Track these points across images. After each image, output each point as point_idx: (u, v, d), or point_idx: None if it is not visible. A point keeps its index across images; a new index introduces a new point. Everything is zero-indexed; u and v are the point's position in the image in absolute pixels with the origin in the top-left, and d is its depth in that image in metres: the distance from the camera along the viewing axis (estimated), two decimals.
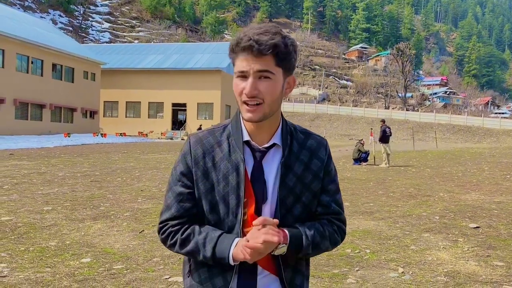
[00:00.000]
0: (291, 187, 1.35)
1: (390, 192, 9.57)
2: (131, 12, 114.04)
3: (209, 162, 1.34)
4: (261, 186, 1.32)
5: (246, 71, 1.24)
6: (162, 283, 3.90)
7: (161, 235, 1.39)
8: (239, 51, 1.25)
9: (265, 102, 1.26)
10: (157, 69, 43.86)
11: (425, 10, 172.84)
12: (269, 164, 1.34)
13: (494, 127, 53.24)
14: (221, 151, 1.34)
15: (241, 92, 1.26)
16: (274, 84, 1.26)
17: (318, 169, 1.39)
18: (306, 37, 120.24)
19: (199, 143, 1.37)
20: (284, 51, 1.25)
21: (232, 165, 1.32)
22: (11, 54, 30.46)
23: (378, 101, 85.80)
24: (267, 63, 1.23)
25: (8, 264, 4.25)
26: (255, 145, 1.34)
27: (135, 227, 5.83)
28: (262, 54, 1.22)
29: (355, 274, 4.23)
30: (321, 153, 1.40)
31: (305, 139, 1.40)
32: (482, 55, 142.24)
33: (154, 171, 12.46)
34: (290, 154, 1.36)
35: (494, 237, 5.73)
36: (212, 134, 1.38)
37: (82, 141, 27.79)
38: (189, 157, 1.36)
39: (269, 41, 1.22)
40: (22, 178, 10.10)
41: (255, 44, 1.21)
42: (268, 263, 1.35)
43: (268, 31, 1.24)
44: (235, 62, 1.27)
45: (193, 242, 1.32)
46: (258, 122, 1.29)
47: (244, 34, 1.24)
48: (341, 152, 24.58)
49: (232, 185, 1.32)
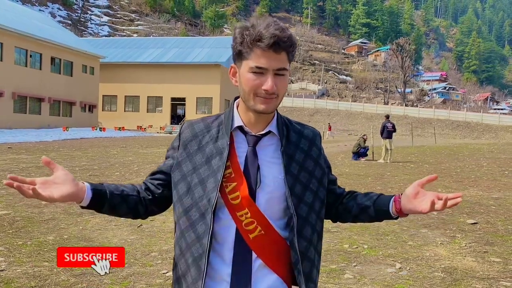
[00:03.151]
0: (296, 175, 1.37)
1: (389, 187, 9.58)
2: (130, 6, 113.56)
3: (195, 145, 1.39)
4: (254, 171, 1.34)
5: (266, 68, 1.27)
6: (160, 277, 3.91)
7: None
8: (257, 46, 1.26)
9: (278, 96, 1.31)
10: (156, 63, 43.72)
11: (425, 5, 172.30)
12: (263, 150, 1.37)
13: (493, 123, 53.24)
14: (209, 136, 1.39)
15: (257, 87, 1.28)
16: (286, 79, 1.33)
17: (317, 156, 1.44)
18: (305, 31, 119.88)
19: (189, 128, 1.43)
20: (295, 47, 1.31)
21: (217, 149, 1.36)
22: (9, 47, 30.33)
23: (377, 97, 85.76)
24: (283, 61, 1.29)
25: (5, 258, 4.25)
26: (249, 130, 1.37)
27: (133, 222, 5.82)
28: (282, 50, 1.27)
29: (352, 270, 4.24)
30: (318, 141, 1.46)
31: (301, 129, 1.45)
32: (482, 50, 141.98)
33: (153, 165, 12.45)
34: (289, 143, 1.39)
35: (491, 233, 5.74)
36: (204, 121, 1.44)
37: (81, 135, 27.75)
38: (177, 139, 1.44)
39: (290, 38, 1.27)
40: (21, 172, 10.08)
41: (279, 41, 1.24)
42: (271, 255, 1.33)
43: (283, 28, 1.27)
44: (249, 56, 1.28)
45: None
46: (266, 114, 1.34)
47: (265, 29, 1.25)
48: (339, 147, 24.59)
49: (213, 168, 1.34)
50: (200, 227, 1.32)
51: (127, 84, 43.92)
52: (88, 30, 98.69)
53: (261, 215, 1.32)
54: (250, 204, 1.32)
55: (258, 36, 1.24)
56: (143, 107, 44.72)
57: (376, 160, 16.75)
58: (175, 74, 43.02)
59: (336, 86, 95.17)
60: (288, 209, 1.34)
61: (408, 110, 60.17)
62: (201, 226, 1.32)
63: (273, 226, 1.34)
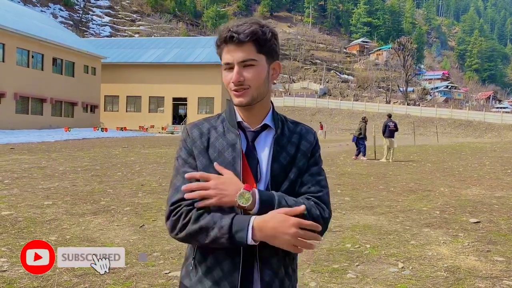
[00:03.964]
0: (284, 165, 1.39)
1: (391, 187, 9.56)
2: (132, 6, 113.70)
3: (205, 142, 1.41)
4: (254, 166, 1.37)
5: (231, 62, 1.33)
6: (162, 277, 3.90)
7: (172, 217, 1.33)
8: (221, 43, 1.35)
9: (251, 87, 1.34)
10: (158, 63, 43.76)
11: (426, 4, 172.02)
12: (262, 145, 1.40)
13: (495, 122, 53.11)
14: (216, 133, 1.42)
15: (228, 82, 1.36)
16: (258, 69, 1.35)
17: (306, 150, 1.44)
18: (307, 31, 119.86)
19: (195, 127, 1.45)
20: (263, 37, 1.33)
21: (227, 142, 1.39)
22: (11, 48, 30.39)
23: (379, 96, 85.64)
24: (248, 52, 1.32)
25: (8, 258, 4.25)
26: (247, 126, 1.41)
27: (135, 222, 5.83)
28: (242, 42, 1.31)
29: (355, 269, 4.23)
30: (310, 137, 1.47)
31: (295, 127, 1.48)
32: (484, 49, 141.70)
33: (155, 165, 12.46)
34: (282, 135, 1.43)
35: (494, 232, 5.73)
36: (208, 121, 1.47)
37: (83, 136, 27.78)
38: (188, 140, 1.43)
39: (247, 29, 1.31)
40: (23, 173, 10.10)
41: (234, 33, 1.31)
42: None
43: (246, 22, 1.34)
44: (221, 55, 1.37)
45: (208, 216, 1.29)
46: (248, 106, 1.37)
47: (224, 27, 1.35)
48: (341, 147, 24.57)
49: (228, 160, 1.36)
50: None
51: (129, 84, 43.99)
52: (90, 31, 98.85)
53: None
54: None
55: (220, 34, 1.35)
56: (144, 107, 44.78)
57: (378, 159, 16.73)
58: (177, 74, 43.05)
59: (337, 85, 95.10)
60: None
61: (410, 109, 60.08)
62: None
63: None
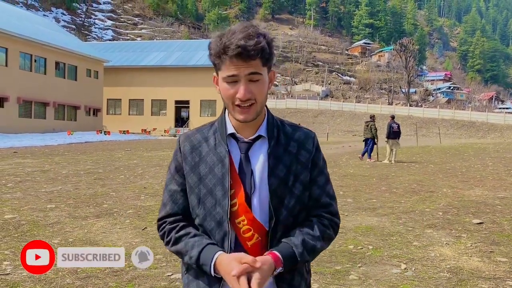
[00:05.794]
0: (282, 178, 1.36)
1: (393, 188, 9.54)
2: (134, 10, 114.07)
3: (197, 157, 1.39)
4: (249, 176, 1.35)
5: (237, 75, 1.27)
6: (165, 280, 3.91)
7: (159, 232, 1.44)
8: (226, 58, 1.27)
9: (257, 102, 1.31)
10: (160, 66, 43.85)
11: (428, 5, 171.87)
12: (256, 155, 1.37)
13: (498, 122, 52.91)
14: (208, 146, 1.39)
15: (233, 96, 1.30)
16: (263, 83, 1.31)
17: (306, 160, 1.40)
18: (308, 33, 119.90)
19: (187, 140, 1.43)
20: (269, 52, 1.30)
21: (217, 157, 1.36)
22: (14, 52, 30.52)
23: (381, 97, 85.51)
24: (256, 66, 1.28)
25: (11, 262, 4.26)
26: (240, 137, 1.38)
27: (138, 225, 5.84)
28: (250, 58, 1.26)
29: (357, 271, 4.22)
30: (309, 145, 1.41)
31: (293, 132, 1.43)
32: (486, 49, 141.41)
33: (157, 168, 12.48)
34: (278, 145, 1.38)
35: (497, 232, 5.71)
36: (200, 131, 1.44)
37: (86, 139, 27.85)
38: (179, 154, 1.42)
39: (257, 45, 1.25)
40: (26, 176, 10.13)
41: (244, 51, 1.24)
42: None
43: (251, 35, 1.26)
44: (221, 66, 1.30)
45: (183, 242, 1.35)
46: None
47: (229, 40, 1.25)
48: (344, 148, 24.54)
49: (218, 176, 1.35)
50: (218, 234, 1.35)
51: (131, 87, 44.08)
52: (92, 34, 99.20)
53: (257, 223, 1.34)
54: (246, 211, 1.33)
55: (224, 47, 1.26)
56: (147, 110, 44.86)
57: (381, 160, 16.71)
58: (179, 77, 43.12)
59: (340, 87, 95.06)
60: (262, 209, 1.35)
61: (412, 110, 59.93)
62: (219, 233, 1.35)
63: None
